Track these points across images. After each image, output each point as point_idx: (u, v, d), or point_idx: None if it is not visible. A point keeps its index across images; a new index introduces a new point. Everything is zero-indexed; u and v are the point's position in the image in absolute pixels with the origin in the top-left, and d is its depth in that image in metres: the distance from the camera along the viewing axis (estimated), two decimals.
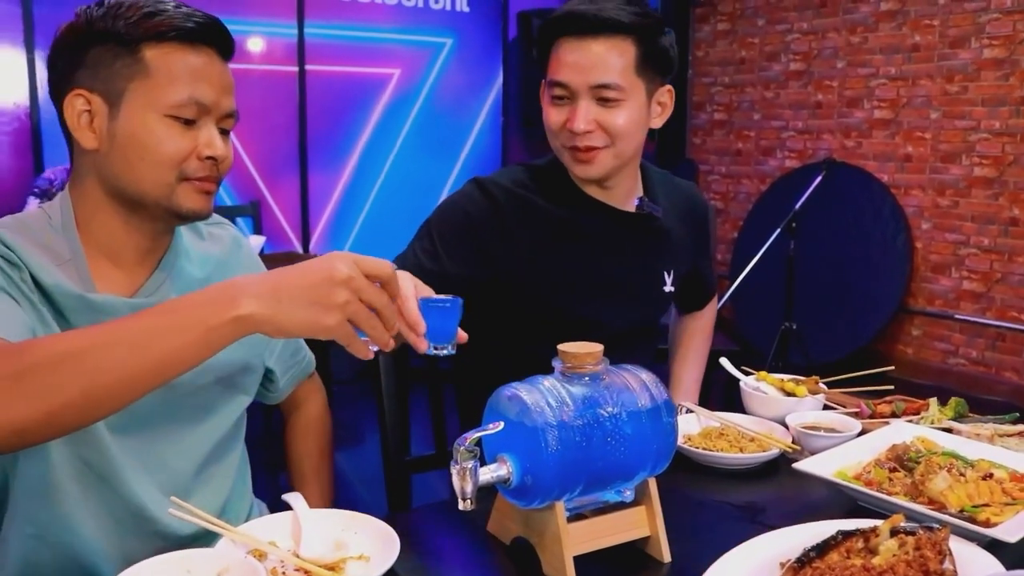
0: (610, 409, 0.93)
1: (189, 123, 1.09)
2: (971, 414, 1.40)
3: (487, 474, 0.91)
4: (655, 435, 0.95)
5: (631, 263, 1.49)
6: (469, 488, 0.89)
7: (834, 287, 4.99)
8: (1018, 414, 1.35)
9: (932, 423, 1.34)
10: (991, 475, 1.06)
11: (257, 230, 4.21)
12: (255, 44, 4.71)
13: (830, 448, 1.21)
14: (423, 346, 0.96)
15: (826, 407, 1.47)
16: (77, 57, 1.08)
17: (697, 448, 1.26)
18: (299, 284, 0.89)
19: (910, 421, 1.35)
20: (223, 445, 1.26)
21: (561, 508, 0.93)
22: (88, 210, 1.13)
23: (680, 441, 1.29)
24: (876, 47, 4.96)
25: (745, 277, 4.48)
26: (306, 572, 0.94)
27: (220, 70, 1.12)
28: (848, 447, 1.20)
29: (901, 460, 1.13)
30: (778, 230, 4.16)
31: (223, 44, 1.14)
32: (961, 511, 1.01)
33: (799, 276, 4.43)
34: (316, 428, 1.48)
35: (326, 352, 3.61)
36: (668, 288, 1.54)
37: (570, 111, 1.38)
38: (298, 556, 0.97)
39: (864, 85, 5.03)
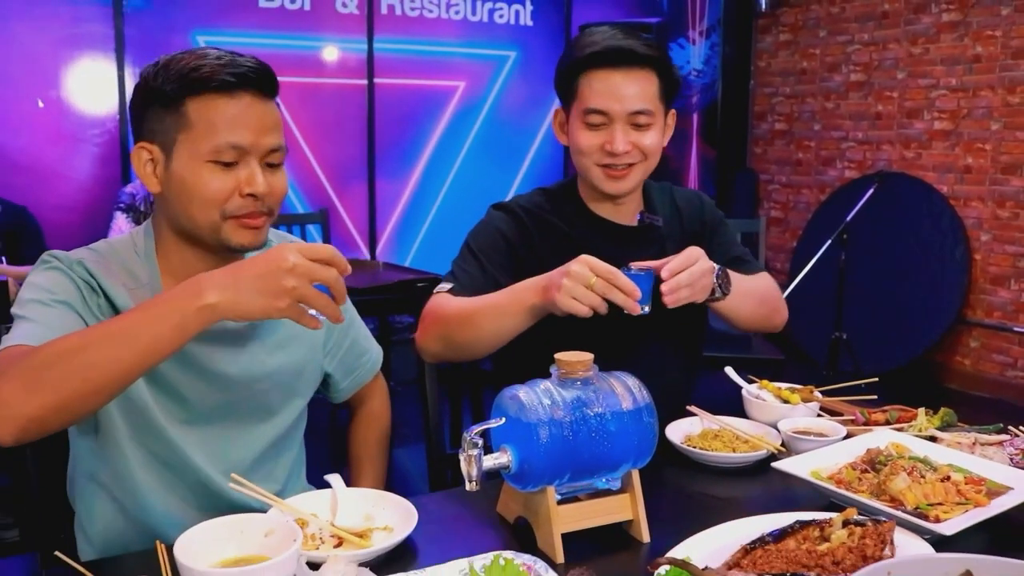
0: (597, 409, 1.09)
1: (230, 165, 1.20)
2: (960, 424, 1.51)
3: (490, 461, 1.08)
4: (636, 433, 1.10)
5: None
6: (475, 472, 1.06)
7: (889, 298, 5.00)
8: (1002, 425, 1.45)
9: (919, 431, 1.45)
10: (948, 478, 1.18)
11: (326, 237, 4.45)
12: (327, 59, 4.95)
13: (814, 450, 1.33)
14: (637, 309, 1.32)
15: (829, 413, 1.59)
16: (140, 115, 1.25)
17: (693, 448, 1.40)
18: (253, 275, 1.06)
19: (899, 429, 1.46)
20: (280, 443, 1.42)
21: (552, 492, 1.08)
22: (163, 241, 1.30)
23: (680, 440, 1.44)
24: (937, 58, 4.95)
25: (800, 287, 4.55)
26: (339, 538, 1.12)
27: (259, 112, 1.21)
28: (829, 450, 1.33)
29: (873, 462, 1.25)
30: (829, 241, 4.22)
31: (263, 86, 1.22)
32: (916, 508, 1.13)
33: (852, 287, 4.48)
34: (376, 421, 1.64)
35: (387, 355, 3.81)
36: None
37: (606, 134, 1.56)
38: (333, 525, 1.15)
39: (924, 96, 5.03)
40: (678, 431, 1.47)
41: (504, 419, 1.09)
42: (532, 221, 1.66)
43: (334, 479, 1.24)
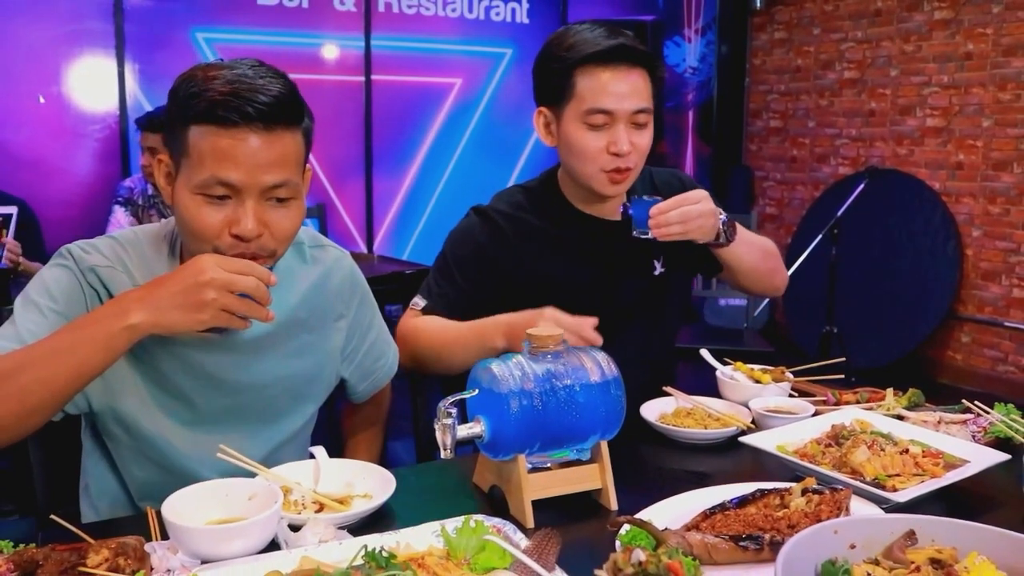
0: (566, 381, 1.13)
1: (223, 199, 1.15)
2: (927, 404, 1.55)
3: (464, 430, 1.13)
4: (604, 404, 1.15)
5: (620, 263, 1.68)
6: (449, 440, 1.11)
7: (880, 293, 5.04)
8: (967, 404, 1.50)
9: (887, 410, 1.50)
10: (907, 451, 1.23)
11: (322, 231, 4.50)
12: (324, 56, 4.99)
13: (782, 427, 1.38)
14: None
15: (800, 393, 1.63)
16: (168, 121, 1.21)
17: (665, 425, 1.45)
18: (174, 291, 1.09)
19: (868, 408, 1.51)
20: (287, 445, 1.41)
21: (522, 460, 1.13)
22: (186, 245, 1.27)
23: (654, 419, 1.48)
24: (929, 55, 4.99)
25: (792, 283, 4.54)
26: (320, 503, 1.17)
27: (255, 148, 1.13)
28: (796, 426, 1.37)
29: (837, 437, 1.30)
30: (819, 236, 4.26)
31: (275, 118, 1.14)
32: (874, 479, 1.17)
33: (844, 282, 4.52)
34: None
35: None
36: (658, 271, 1.71)
37: (609, 135, 1.54)
38: (315, 492, 1.20)
39: (917, 93, 5.07)
40: (653, 410, 1.52)
41: (477, 391, 1.13)
42: (510, 224, 1.66)
43: (318, 451, 1.29)
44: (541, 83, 1.63)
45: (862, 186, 4.31)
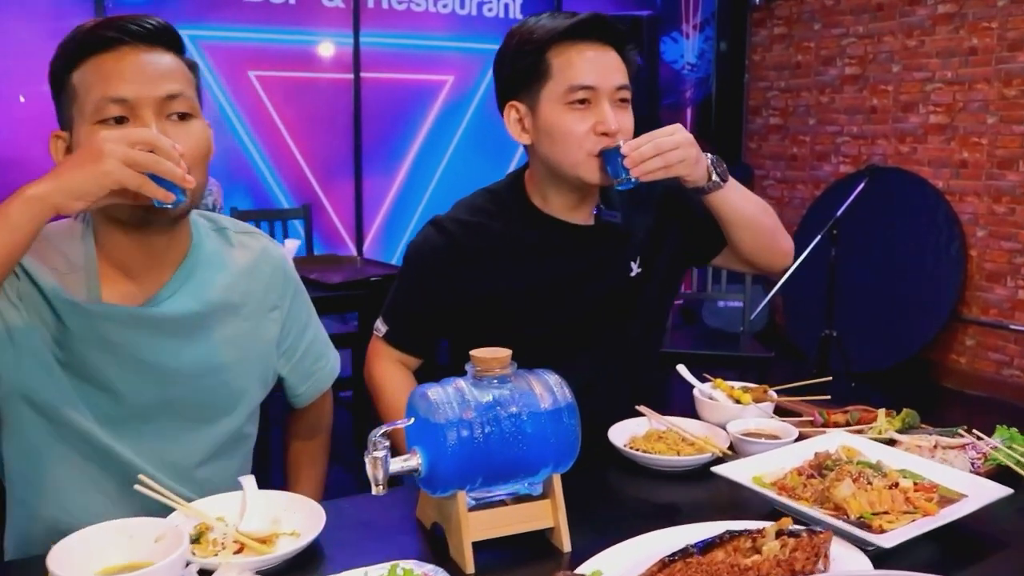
0: (512, 410, 1.01)
1: (121, 122, 1.12)
2: (923, 425, 1.43)
3: (398, 464, 1.00)
4: (555, 435, 1.03)
5: (592, 267, 1.55)
6: (380, 475, 0.98)
7: (883, 295, 4.92)
8: (966, 427, 1.37)
9: (879, 433, 1.37)
10: (897, 484, 1.10)
11: (308, 232, 4.38)
12: (312, 53, 4.88)
13: (761, 454, 1.26)
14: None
15: (785, 413, 1.51)
16: (56, 106, 1.19)
17: (635, 450, 1.32)
18: (73, 159, 1.03)
19: (858, 431, 1.39)
20: (229, 444, 1.34)
21: (463, 497, 1.01)
22: (98, 223, 1.23)
23: (624, 442, 1.36)
24: (932, 51, 4.86)
25: (793, 284, 4.47)
26: (241, 544, 1.05)
27: (142, 62, 1.13)
28: (777, 453, 1.25)
29: (820, 467, 1.17)
30: (818, 237, 4.14)
31: (152, 38, 1.15)
32: (859, 517, 1.05)
33: (845, 283, 4.39)
34: (317, 427, 1.56)
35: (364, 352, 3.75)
36: (635, 272, 1.58)
37: (595, 114, 1.42)
38: (238, 531, 1.08)
39: (920, 89, 4.94)
40: (623, 432, 1.39)
41: (413, 419, 1.01)
42: (467, 233, 1.53)
43: (247, 481, 1.17)
44: (510, 74, 1.49)
45: (862, 185, 4.19)
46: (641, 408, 1.46)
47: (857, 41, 5.27)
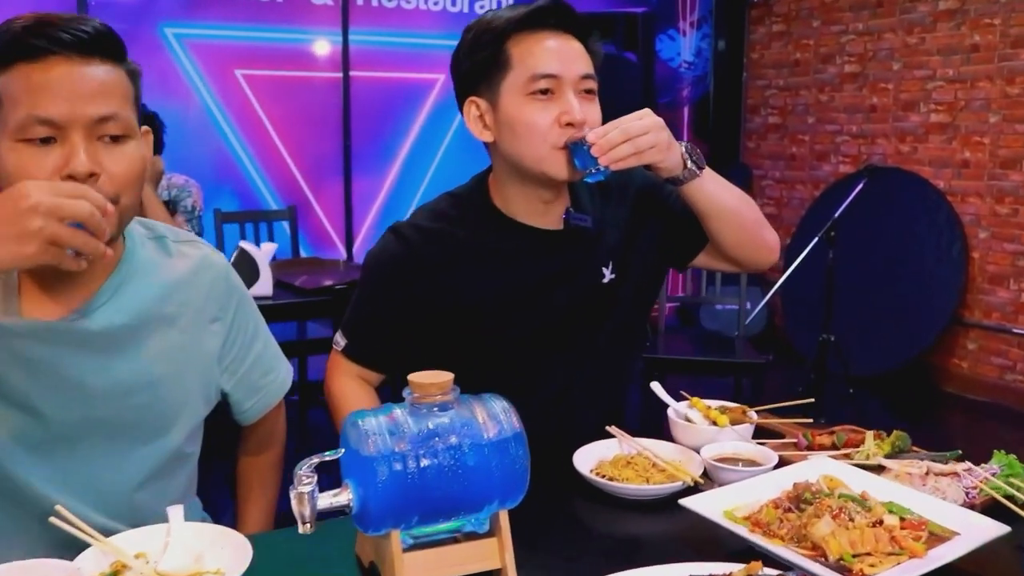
0: (451, 440, 0.91)
1: (47, 142, 1.03)
2: (914, 449, 1.32)
3: (326, 500, 0.90)
4: (501, 468, 0.92)
5: (562, 275, 1.46)
6: (307, 512, 0.89)
7: (882, 297, 4.82)
8: (960, 452, 1.27)
9: (866, 457, 1.27)
10: (881, 522, 1.00)
11: (294, 234, 4.29)
12: (300, 51, 4.79)
13: (738, 482, 1.16)
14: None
15: (768, 433, 1.41)
16: None
17: (600, 477, 1.22)
18: None
19: (844, 455, 1.28)
20: (168, 465, 1.26)
21: (397, 537, 0.91)
22: None
23: (591, 467, 1.26)
24: (934, 48, 4.75)
25: (792, 285, 4.38)
26: None
27: (73, 77, 1.03)
28: (755, 482, 1.15)
29: (799, 500, 1.07)
30: (815, 239, 4.03)
31: (87, 48, 1.04)
32: (839, 560, 0.95)
33: (844, 286, 4.29)
34: (270, 444, 1.48)
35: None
36: (607, 279, 1.48)
37: (558, 105, 1.33)
38: (156, 571, 0.98)
39: (920, 88, 4.83)
40: (590, 456, 1.29)
41: (343, 450, 0.91)
42: (427, 240, 1.44)
43: (174, 512, 1.07)
44: (469, 68, 1.40)
45: (861, 185, 4.08)
46: (611, 429, 1.35)
47: (857, 38, 5.17)
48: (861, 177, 4.16)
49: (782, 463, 1.24)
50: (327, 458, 0.91)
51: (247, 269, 2.73)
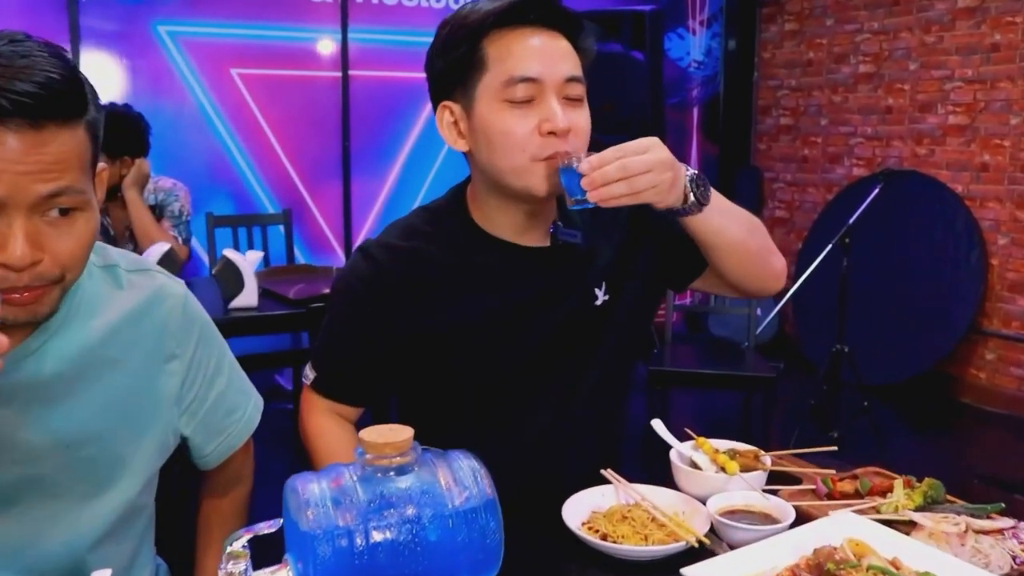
0: (409, 512, 0.76)
1: None
2: (949, 499, 1.17)
3: None
4: (469, 543, 0.78)
5: (549, 298, 1.31)
6: None
7: (898, 305, 4.66)
8: (1003, 505, 1.12)
9: (895, 510, 1.12)
10: None
11: (289, 239, 4.16)
12: (298, 50, 4.66)
13: (750, 543, 1.01)
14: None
15: (783, 478, 1.26)
16: None
17: (590, 537, 1.07)
18: None
19: (871, 507, 1.13)
20: (123, 520, 1.13)
21: None
22: None
23: (582, 519, 1.11)
24: (952, 47, 4.59)
25: (804, 292, 4.23)
26: None
27: (19, 150, 0.87)
28: (769, 545, 1.00)
29: (821, 570, 0.93)
30: (829, 246, 3.88)
31: (35, 112, 0.87)
32: None
33: (858, 293, 4.14)
34: (233, 487, 1.34)
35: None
36: (600, 301, 1.34)
37: (539, 112, 1.19)
38: None
39: (938, 88, 4.67)
40: (582, 507, 1.14)
41: (281, 521, 0.77)
42: (399, 261, 1.29)
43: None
44: (442, 68, 1.25)
45: (877, 189, 3.92)
46: (607, 473, 1.21)
47: (872, 37, 5.01)
48: (876, 181, 4.00)
49: (800, 517, 1.09)
50: (262, 531, 0.76)
51: (231, 279, 2.60)
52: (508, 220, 1.29)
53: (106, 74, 4.21)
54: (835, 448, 1.25)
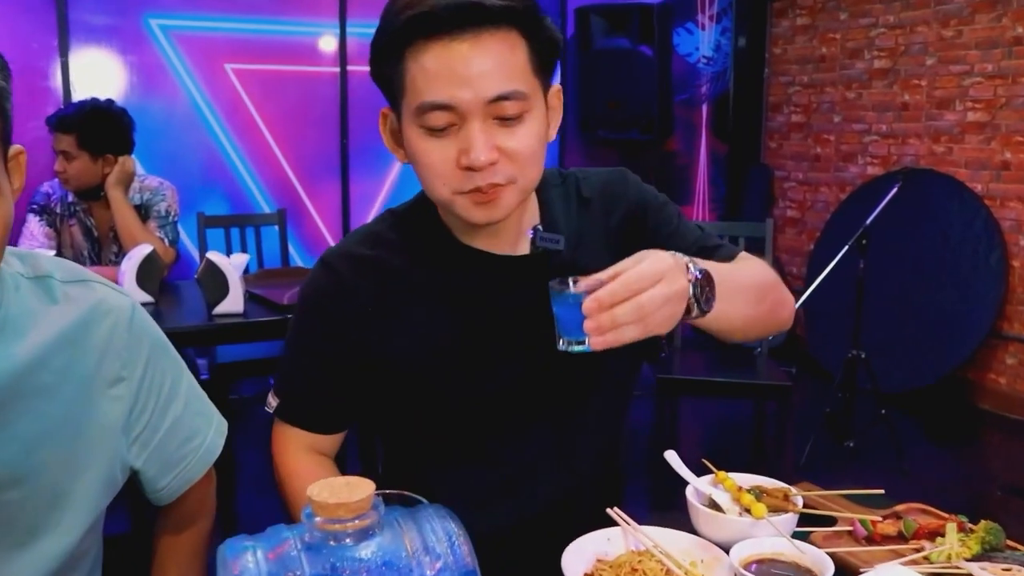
0: None
1: None
2: (1010, 545, 1.02)
3: None
4: None
5: (529, 314, 1.14)
6: None
7: (915, 308, 4.51)
8: None
9: (948, 559, 0.97)
10: None
11: (283, 240, 4.01)
12: (295, 45, 4.53)
13: None
14: None
15: (814, 517, 1.11)
16: None
17: None
18: None
19: (918, 553, 0.98)
20: (63, 570, 0.99)
21: None
22: None
23: (584, 573, 0.96)
24: (971, 41, 4.43)
25: (816, 296, 4.07)
26: None
27: None
28: None
29: None
30: (846, 247, 3.72)
31: None
32: None
33: (873, 296, 3.99)
34: (192, 521, 1.20)
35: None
36: None
37: (459, 141, 1.02)
38: None
39: (956, 84, 4.50)
40: (585, 553, 0.99)
41: None
42: (361, 272, 1.15)
43: None
44: (372, 73, 1.09)
45: (895, 189, 3.77)
46: (613, 513, 1.05)
47: (887, 32, 4.85)
48: (895, 180, 3.84)
49: (837, 566, 0.94)
50: None
51: (215, 283, 2.45)
52: (473, 227, 1.12)
53: (96, 70, 4.10)
54: (882, 491, 1.08)
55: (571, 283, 0.95)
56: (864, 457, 3.71)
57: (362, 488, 0.64)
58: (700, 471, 1.15)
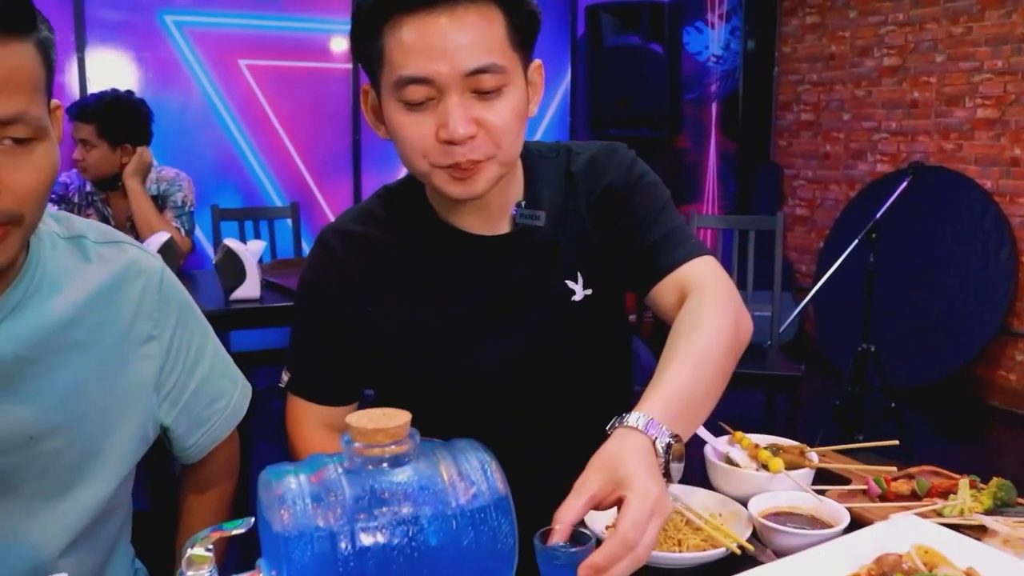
0: (405, 511, 0.64)
1: None
2: (1021, 501, 1.04)
3: None
4: (476, 547, 0.65)
5: (517, 292, 1.17)
6: None
7: (925, 305, 4.51)
8: None
9: (962, 513, 0.99)
10: None
11: (297, 233, 4.05)
12: (307, 41, 4.56)
13: (799, 550, 0.88)
14: None
15: (827, 476, 1.13)
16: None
17: None
18: None
19: (932, 511, 1.00)
20: (96, 522, 1.02)
21: None
22: None
23: (605, 525, 0.99)
24: (981, 38, 4.44)
25: (827, 292, 4.08)
26: None
27: None
28: (822, 552, 0.87)
29: None
30: (855, 242, 3.73)
31: None
32: None
33: (883, 292, 4.00)
34: (217, 482, 1.23)
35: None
36: (580, 295, 1.18)
37: (437, 115, 1.02)
38: None
39: (966, 81, 4.51)
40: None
41: (252, 520, 0.65)
42: (352, 249, 1.18)
43: None
44: (357, 51, 1.09)
45: (904, 185, 3.77)
46: None
47: (897, 29, 4.86)
48: (904, 175, 3.84)
49: (854, 521, 0.96)
50: (228, 533, 0.64)
51: (232, 269, 2.48)
52: (452, 205, 1.14)
53: (112, 65, 4.14)
54: (896, 442, 1.10)
55: (557, 538, 0.79)
56: (873, 451, 3.71)
57: (399, 416, 0.67)
58: (717, 435, 1.17)
